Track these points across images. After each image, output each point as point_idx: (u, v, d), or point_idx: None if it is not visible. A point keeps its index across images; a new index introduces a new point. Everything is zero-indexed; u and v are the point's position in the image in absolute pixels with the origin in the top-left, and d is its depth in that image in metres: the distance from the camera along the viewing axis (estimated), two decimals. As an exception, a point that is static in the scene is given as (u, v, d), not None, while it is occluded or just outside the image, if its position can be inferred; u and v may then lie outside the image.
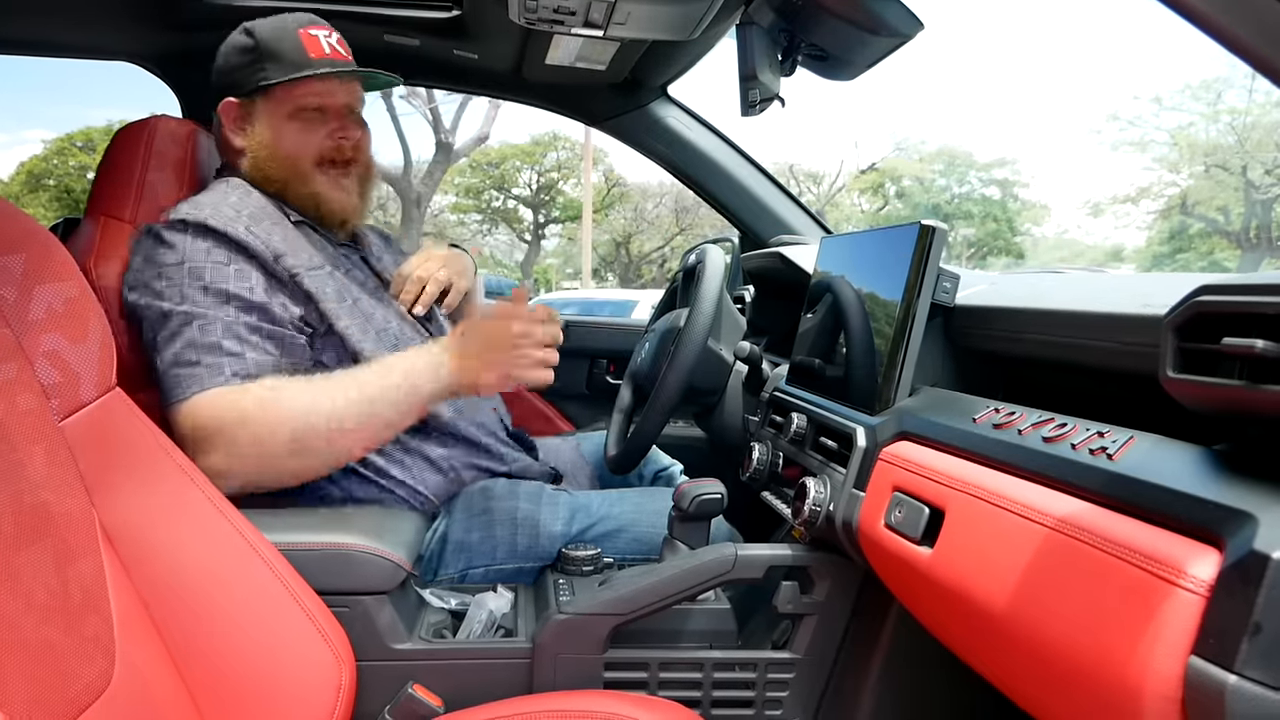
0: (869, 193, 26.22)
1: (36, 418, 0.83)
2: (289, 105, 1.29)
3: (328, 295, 1.22)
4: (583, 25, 1.33)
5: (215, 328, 1.13)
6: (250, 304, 1.15)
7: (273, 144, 1.30)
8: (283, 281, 1.19)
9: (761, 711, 1.10)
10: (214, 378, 1.10)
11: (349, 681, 0.96)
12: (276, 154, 1.30)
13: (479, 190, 24.72)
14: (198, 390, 1.09)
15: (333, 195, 1.33)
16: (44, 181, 20.48)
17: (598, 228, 24.01)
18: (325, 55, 1.29)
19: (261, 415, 1.08)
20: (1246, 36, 0.44)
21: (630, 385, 1.64)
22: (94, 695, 0.75)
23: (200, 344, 1.12)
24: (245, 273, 1.17)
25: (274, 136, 1.30)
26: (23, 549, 0.75)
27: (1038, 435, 0.76)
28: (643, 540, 1.30)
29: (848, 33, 1.18)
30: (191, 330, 1.12)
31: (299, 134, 1.30)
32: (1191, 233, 22.36)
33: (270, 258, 1.19)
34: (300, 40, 1.28)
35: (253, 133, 1.31)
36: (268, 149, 1.30)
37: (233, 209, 1.21)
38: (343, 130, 1.32)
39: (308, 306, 1.21)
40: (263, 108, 1.30)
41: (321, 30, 1.31)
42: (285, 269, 1.20)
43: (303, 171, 1.31)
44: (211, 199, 1.23)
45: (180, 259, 1.15)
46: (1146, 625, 0.55)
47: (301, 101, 1.29)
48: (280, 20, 1.30)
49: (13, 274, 0.85)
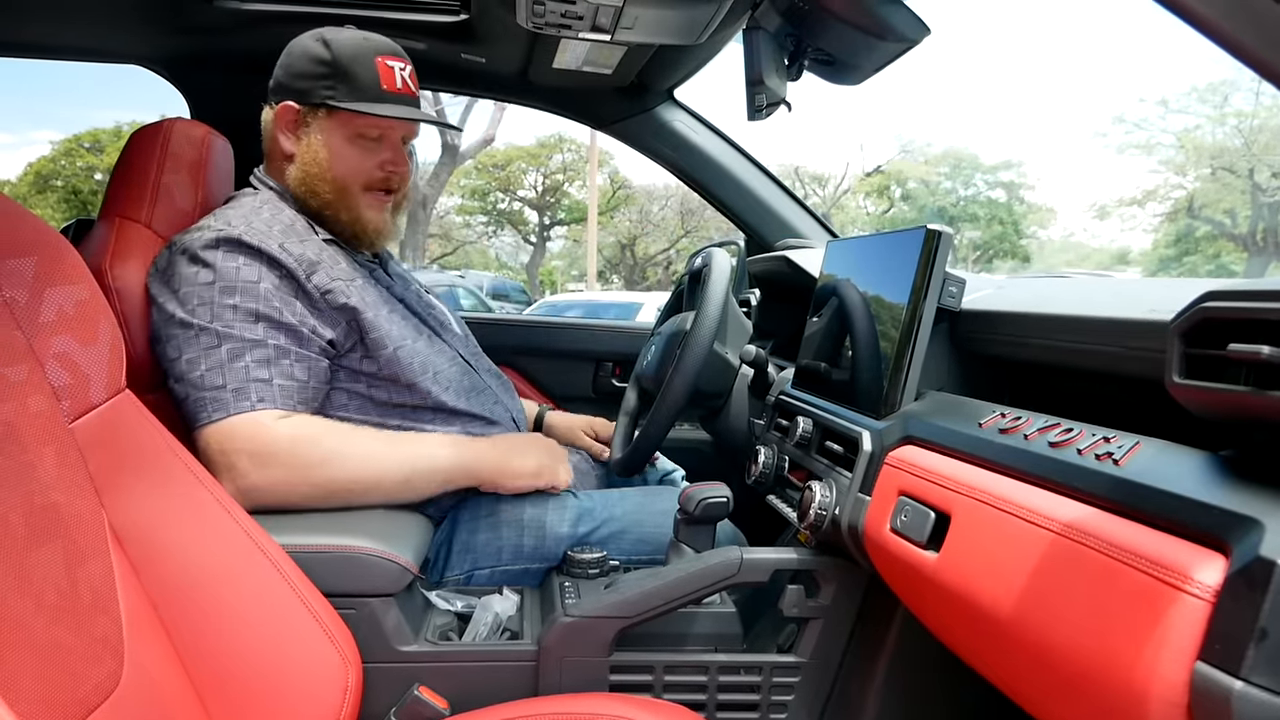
0: (874, 195, 26.20)
1: (47, 419, 0.83)
2: (350, 129, 1.28)
3: (360, 307, 1.22)
4: (590, 30, 1.34)
5: (244, 350, 1.13)
6: (280, 324, 1.15)
7: (327, 162, 1.28)
8: (314, 300, 1.19)
9: (766, 715, 1.10)
10: (240, 403, 1.11)
11: (355, 683, 0.96)
12: (328, 173, 1.29)
13: (485, 192, 24.72)
14: (223, 415, 1.10)
15: (372, 218, 1.33)
16: (51, 182, 20.54)
17: (603, 230, 24.00)
18: (397, 90, 1.28)
19: (290, 453, 1.11)
20: (1248, 40, 0.44)
21: (636, 388, 1.64)
22: (103, 695, 0.76)
23: (229, 367, 1.12)
24: (277, 292, 1.16)
25: (329, 155, 1.28)
26: (33, 550, 0.76)
27: (1044, 440, 0.76)
28: (647, 540, 1.30)
29: (854, 38, 1.18)
30: (219, 353, 1.12)
31: (355, 158, 1.29)
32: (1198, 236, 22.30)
33: (303, 275, 1.18)
34: (377, 69, 1.27)
35: (307, 143, 1.29)
36: (320, 166, 1.29)
37: (265, 224, 1.21)
38: (394, 164, 1.32)
39: (339, 323, 1.21)
40: (324, 123, 1.29)
41: (398, 62, 1.29)
42: (317, 286, 1.19)
43: (350, 194, 1.30)
44: (242, 214, 1.21)
45: (212, 278, 1.15)
46: (1152, 630, 0.55)
47: (363, 129, 1.29)
48: (359, 42, 1.28)
49: (24, 277, 0.86)
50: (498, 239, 27.52)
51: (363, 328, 1.22)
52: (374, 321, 1.23)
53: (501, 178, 24.20)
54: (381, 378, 1.24)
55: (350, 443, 1.16)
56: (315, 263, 1.21)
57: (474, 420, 1.33)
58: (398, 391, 1.25)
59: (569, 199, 24.79)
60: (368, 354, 1.23)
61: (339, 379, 1.23)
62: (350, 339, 1.23)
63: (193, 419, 1.12)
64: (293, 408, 1.14)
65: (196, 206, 1.32)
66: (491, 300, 12.31)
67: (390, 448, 1.19)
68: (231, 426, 1.10)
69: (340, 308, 1.20)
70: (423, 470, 1.19)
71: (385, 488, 1.16)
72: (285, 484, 1.10)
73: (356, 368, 1.24)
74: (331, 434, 1.16)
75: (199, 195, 1.33)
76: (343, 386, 1.23)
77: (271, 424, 1.11)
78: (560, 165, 24.07)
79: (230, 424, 1.10)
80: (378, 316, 1.24)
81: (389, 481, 1.16)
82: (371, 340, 1.22)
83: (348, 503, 1.15)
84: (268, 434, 1.10)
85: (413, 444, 1.21)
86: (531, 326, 2.41)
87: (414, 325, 1.33)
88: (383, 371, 1.24)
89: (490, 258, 28.86)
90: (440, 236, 24.70)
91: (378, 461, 1.16)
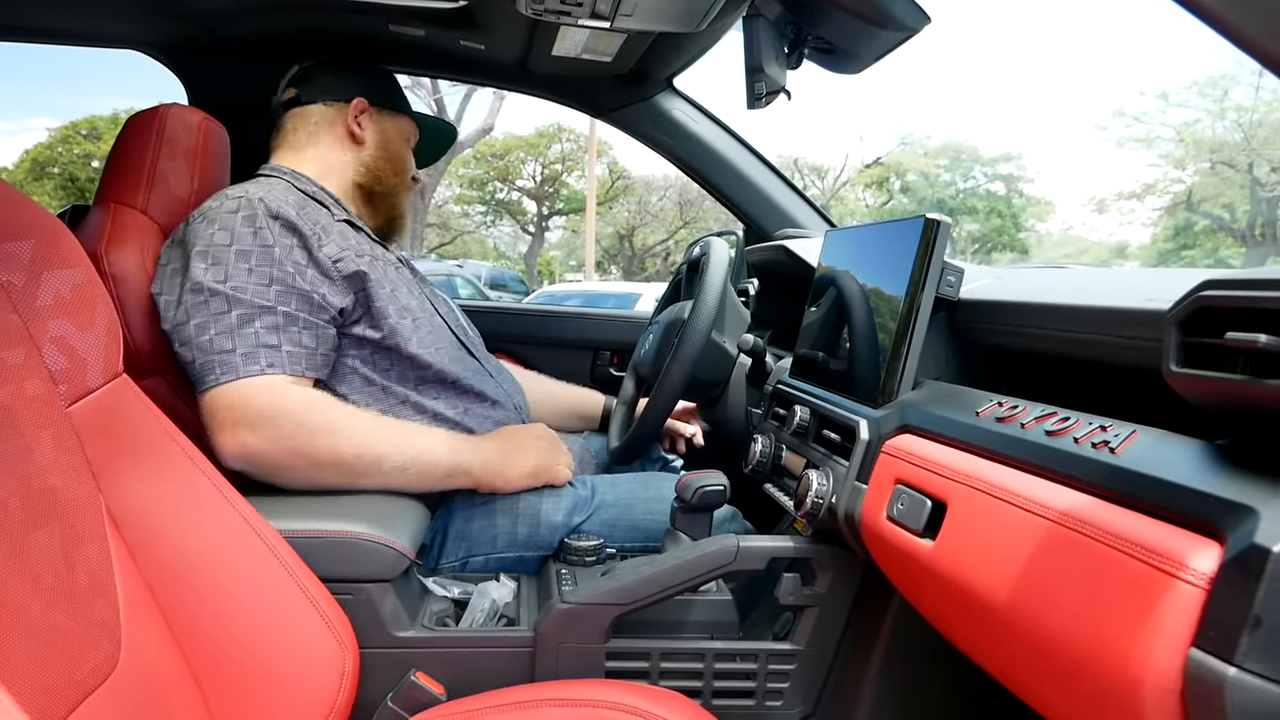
0: (874, 187, 26.15)
1: (44, 403, 0.83)
2: (405, 130, 1.53)
3: (371, 280, 1.25)
4: (589, 17, 1.33)
5: (255, 316, 1.14)
6: (291, 289, 1.17)
7: (396, 154, 1.49)
8: (325, 268, 1.21)
9: (762, 702, 1.11)
10: (249, 366, 1.12)
11: (352, 668, 0.97)
12: (394, 162, 1.48)
13: (483, 182, 24.67)
14: (232, 378, 1.11)
15: (406, 214, 1.55)
16: (48, 169, 20.46)
17: (601, 220, 23.97)
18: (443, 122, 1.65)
19: (294, 418, 1.12)
20: (1251, 30, 0.44)
21: (633, 377, 1.64)
22: (100, 679, 0.76)
23: (239, 332, 1.13)
24: (290, 257, 1.18)
25: (397, 148, 1.50)
26: (30, 533, 0.76)
27: (1040, 429, 0.76)
28: (640, 527, 1.31)
29: (854, 26, 1.18)
30: (230, 317, 1.14)
31: (408, 156, 1.54)
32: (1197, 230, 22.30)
33: (316, 244, 1.21)
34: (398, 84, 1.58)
35: (381, 136, 1.47)
36: (390, 153, 1.48)
37: (280, 195, 1.23)
38: (415, 169, 1.57)
39: (349, 292, 1.23)
40: (389, 124, 1.49)
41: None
42: (328, 254, 1.22)
43: (404, 185, 1.51)
44: (259, 187, 1.25)
45: (229, 240, 1.17)
46: (1147, 618, 0.55)
47: (410, 134, 1.55)
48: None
49: (21, 260, 0.86)
50: (496, 229, 27.48)
51: (369, 295, 1.24)
52: (379, 289, 1.25)
53: (500, 167, 24.15)
54: (384, 347, 1.26)
55: (356, 417, 1.18)
56: (327, 234, 1.24)
57: (477, 399, 1.35)
58: (399, 361, 1.28)
59: (567, 189, 24.75)
60: (372, 322, 1.25)
61: (343, 347, 1.25)
62: (357, 309, 1.24)
63: (199, 381, 1.13)
64: (300, 373, 1.16)
65: (193, 193, 1.32)
66: (489, 290, 12.30)
67: (394, 431, 1.20)
68: (239, 388, 1.11)
69: (350, 276, 1.23)
70: (424, 460, 1.19)
71: (385, 470, 1.16)
72: (285, 450, 1.11)
73: (361, 334, 1.25)
74: (337, 406, 1.18)
75: (195, 181, 1.33)
76: (347, 355, 1.25)
77: (281, 388, 1.13)
78: (559, 155, 24.02)
79: (237, 386, 1.11)
80: (383, 285, 1.27)
81: (389, 464, 1.16)
82: (376, 308, 1.25)
83: (345, 479, 1.15)
84: (274, 397, 1.12)
85: (416, 434, 1.22)
86: (529, 315, 2.41)
87: (419, 301, 1.36)
88: (385, 340, 1.26)
89: (488, 247, 28.83)
90: (438, 226, 24.67)
91: (380, 441, 1.16)
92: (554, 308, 2.30)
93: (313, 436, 1.12)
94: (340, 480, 1.15)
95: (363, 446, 1.15)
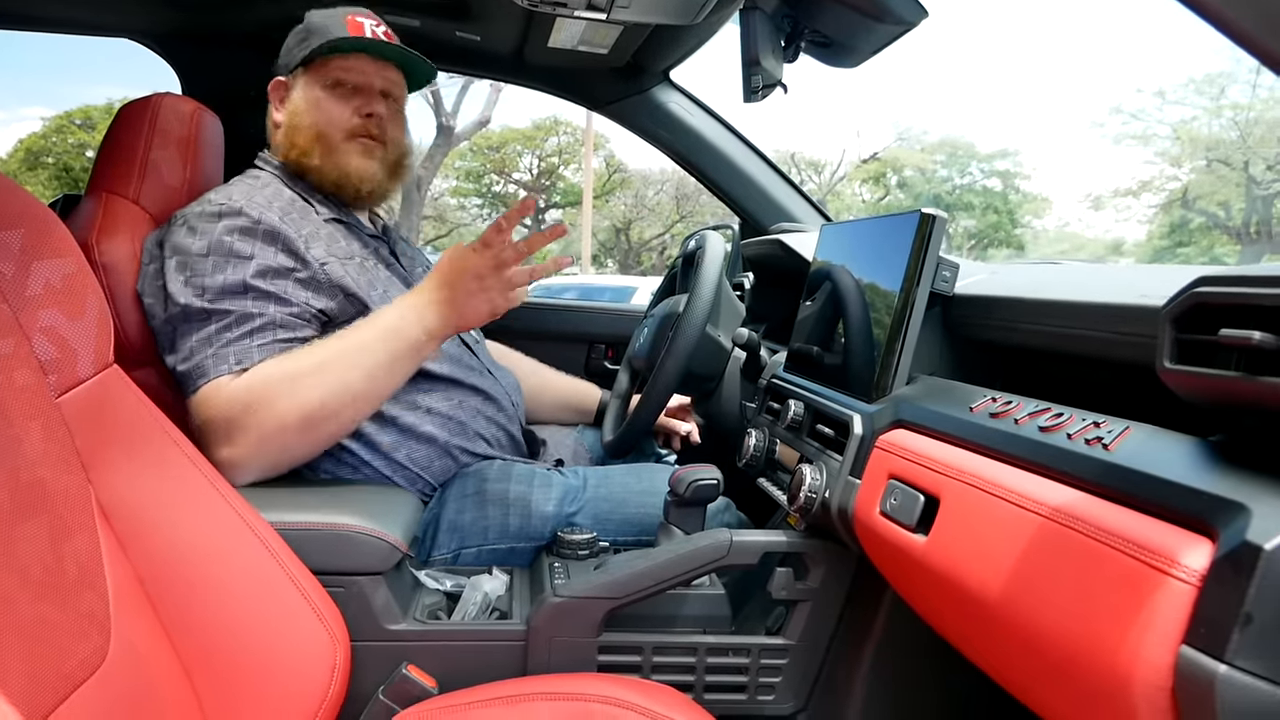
0: (870, 182, 26.14)
1: (34, 394, 0.83)
2: (326, 77, 1.33)
3: (360, 285, 1.23)
4: (586, 8, 1.33)
5: (232, 324, 1.13)
6: (269, 296, 1.15)
7: (306, 112, 1.33)
8: (312, 270, 1.20)
9: (754, 696, 1.11)
10: (218, 367, 1.10)
11: (343, 661, 0.96)
12: (305, 123, 1.33)
13: (480, 174, 24.60)
14: (204, 381, 1.10)
15: (358, 166, 1.34)
16: (43, 159, 20.36)
17: (598, 213, 23.94)
18: (366, 38, 1.33)
19: (247, 404, 1.08)
20: (1249, 26, 0.44)
21: (628, 370, 1.64)
22: (89, 671, 0.75)
23: (215, 339, 1.12)
24: (273, 264, 1.17)
25: (308, 106, 1.33)
26: (19, 525, 0.75)
27: (1034, 425, 0.76)
28: (632, 521, 1.31)
29: (851, 19, 1.18)
30: (209, 327, 1.12)
31: (333, 106, 1.33)
32: (1192, 227, 22.32)
33: (302, 246, 1.19)
34: (345, 24, 1.33)
35: (290, 106, 1.35)
36: (299, 117, 1.33)
37: (265, 200, 1.22)
38: (369, 106, 1.34)
39: (336, 295, 1.22)
40: (302, 80, 1.35)
41: (368, 20, 1.36)
42: (315, 258, 1.20)
43: (331, 143, 1.33)
44: (244, 190, 1.23)
45: (207, 249, 1.15)
46: (1138, 614, 0.55)
47: (335, 75, 1.33)
48: (332, 10, 1.36)
49: (11, 249, 0.85)
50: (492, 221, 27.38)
51: (362, 303, 1.23)
52: (374, 298, 1.24)
53: (496, 160, 24.09)
54: None
55: (291, 362, 1.11)
56: (314, 238, 1.22)
57: (470, 392, 1.34)
58: None
59: (564, 182, 24.69)
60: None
61: None
62: (346, 313, 1.23)
63: (184, 388, 1.13)
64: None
65: (185, 183, 1.32)
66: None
67: (330, 350, 1.12)
68: (206, 394, 1.10)
69: (337, 283, 1.21)
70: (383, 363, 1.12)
71: (356, 391, 1.11)
72: (260, 439, 1.08)
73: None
74: (277, 365, 1.11)
75: (188, 171, 1.32)
76: None
77: (227, 384, 1.09)
78: (556, 148, 23.96)
79: (206, 390, 1.10)
80: (373, 295, 1.25)
81: (356, 386, 1.11)
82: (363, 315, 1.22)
83: (338, 424, 1.12)
84: (225, 393, 1.09)
85: (348, 338, 1.14)
86: (525, 308, 2.40)
87: None
88: None
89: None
90: (435, 218, 24.60)
91: (329, 371, 1.10)
92: (549, 301, 2.29)
93: (272, 411, 1.07)
94: (334, 428, 1.12)
95: (316, 390, 1.09)
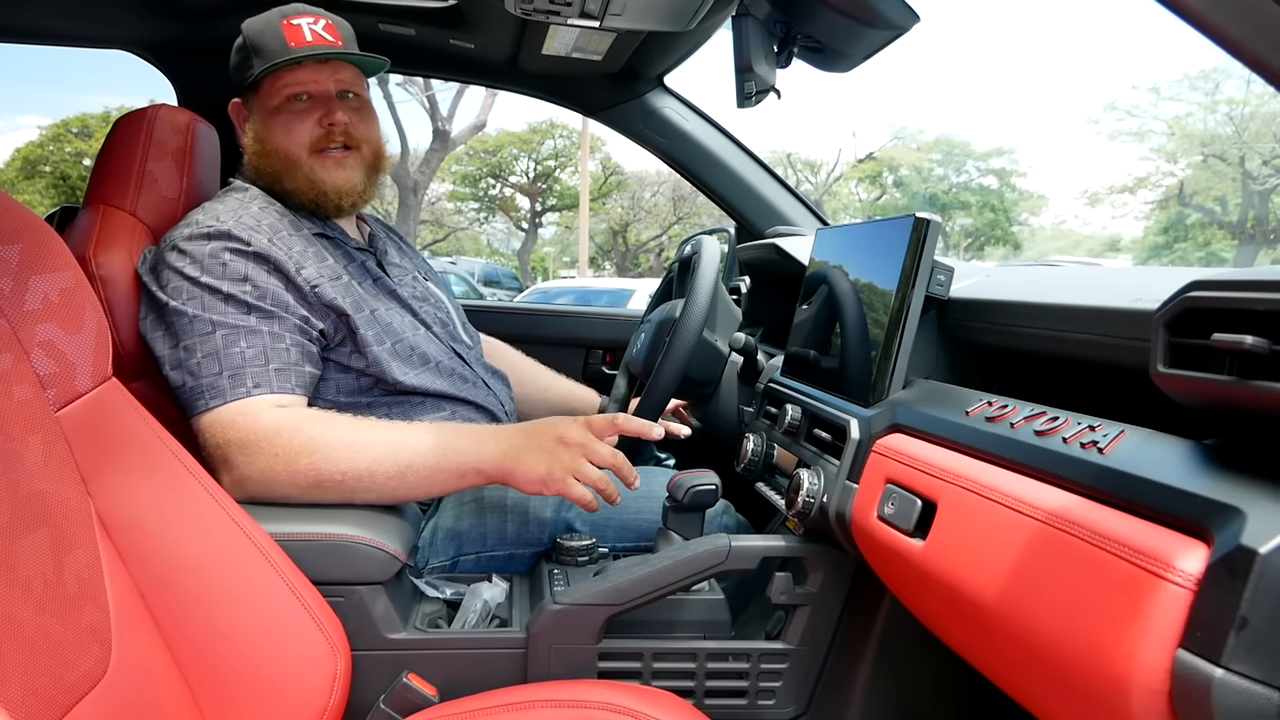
0: (867, 182, 26.20)
1: (33, 408, 0.83)
2: (275, 97, 1.29)
3: (347, 306, 1.22)
4: (579, 16, 1.33)
5: (238, 336, 1.12)
6: (270, 313, 1.15)
7: (265, 137, 1.30)
8: (304, 293, 1.19)
9: (754, 701, 1.11)
10: (236, 389, 1.09)
11: (344, 671, 0.97)
12: (267, 147, 1.30)
13: (476, 178, 24.63)
14: (220, 403, 1.09)
15: (329, 179, 1.30)
16: (40, 168, 20.38)
17: (595, 216, 23.96)
18: (306, 43, 1.27)
19: (273, 442, 1.07)
20: (1241, 35, 0.44)
21: (625, 375, 1.64)
22: (91, 684, 0.76)
23: (224, 353, 1.11)
24: (267, 284, 1.16)
25: (266, 130, 1.30)
26: (20, 539, 0.75)
27: (1030, 429, 0.76)
28: (630, 526, 1.31)
29: (844, 25, 1.18)
30: (214, 339, 1.12)
31: (289, 123, 1.29)
32: (1189, 223, 22.38)
33: (293, 269, 1.18)
34: (281, 31, 1.27)
35: (251, 129, 1.32)
36: (260, 143, 1.30)
37: (253, 219, 1.20)
38: (329, 116, 1.29)
39: (328, 317, 1.21)
40: (256, 103, 1.31)
41: (305, 19, 1.28)
42: (306, 280, 1.19)
43: (296, 161, 1.29)
44: (231, 209, 1.21)
45: (200, 272, 1.14)
46: (1134, 618, 0.55)
47: (286, 92, 1.29)
48: (267, 15, 1.29)
49: (8, 264, 0.85)
50: (489, 225, 27.44)
51: (350, 326, 1.22)
52: (360, 321, 1.23)
53: (493, 164, 24.11)
54: (368, 374, 1.25)
55: (337, 430, 1.09)
56: (304, 257, 1.21)
57: (463, 405, 1.34)
58: (383, 384, 1.26)
59: (561, 185, 24.71)
60: (356, 350, 1.23)
61: (328, 370, 1.23)
62: (339, 334, 1.23)
63: (189, 408, 1.11)
64: (290, 390, 1.13)
65: (181, 194, 1.32)
66: (483, 287, 12.29)
67: (382, 440, 1.10)
68: (223, 415, 1.09)
69: (329, 304, 1.20)
70: (420, 465, 1.09)
71: (380, 482, 1.08)
72: (273, 474, 1.07)
73: (345, 362, 1.24)
74: (318, 423, 1.10)
75: (184, 182, 1.32)
76: (329, 379, 1.24)
77: (259, 412, 1.09)
78: (552, 151, 23.99)
79: (222, 413, 1.09)
80: (362, 315, 1.24)
81: (381, 474, 1.08)
82: (359, 339, 1.22)
83: (341, 496, 1.09)
84: (254, 423, 1.08)
85: (407, 433, 1.12)
86: (522, 314, 2.41)
87: (403, 317, 1.33)
88: (369, 369, 1.24)
89: (482, 244, 28.81)
90: (432, 223, 24.63)
91: (367, 452, 1.08)
92: (546, 306, 2.31)
93: (293, 460, 1.07)
94: (339, 497, 1.09)
95: (348, 463, 1.07)
